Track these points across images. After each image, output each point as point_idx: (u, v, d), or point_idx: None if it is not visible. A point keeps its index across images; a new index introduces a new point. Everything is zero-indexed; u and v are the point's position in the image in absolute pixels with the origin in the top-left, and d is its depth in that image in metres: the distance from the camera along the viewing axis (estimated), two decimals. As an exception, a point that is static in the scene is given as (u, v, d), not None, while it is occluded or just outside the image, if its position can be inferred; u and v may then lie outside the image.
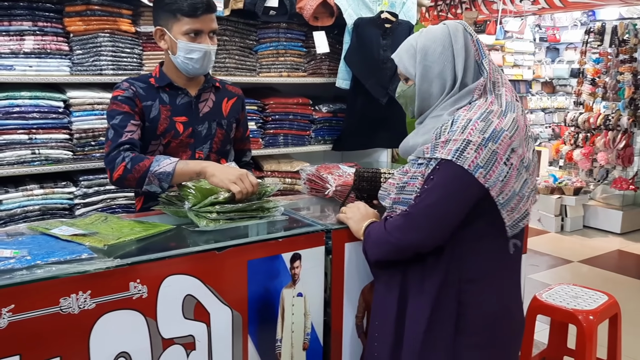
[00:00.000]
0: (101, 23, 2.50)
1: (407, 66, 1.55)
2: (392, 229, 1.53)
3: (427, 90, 1.54)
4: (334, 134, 3.30)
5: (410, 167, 1.56)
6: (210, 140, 2.04)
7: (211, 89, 2.06)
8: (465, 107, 1.50)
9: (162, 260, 1.49)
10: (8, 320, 1.27)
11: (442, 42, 1.51)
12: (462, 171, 1.42)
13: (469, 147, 1.41)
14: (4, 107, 2.33)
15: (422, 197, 1.47)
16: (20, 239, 1.55)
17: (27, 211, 2.40)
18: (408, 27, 3.23)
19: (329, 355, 1.82)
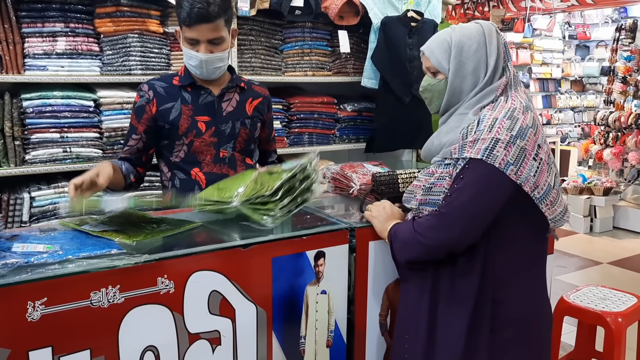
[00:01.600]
0: (130, 24, 2.55)
1: (439, 60, 1.55)
2: (424, 230, 1.52)
3: (458, 85, 1.54)
4: (358, 132, 3.31)
5: (437, 168, 1.56)
6: (234, 139, 2.05)
7: (235, 88, 2.07)
8: (489, 105, 1.51)
9: (188, 257, 1.51)
10: (41, 312, 1.31)
11: (477, 39, 1.52)
12: (492, 169, 1.42)
13: (498, 145, 1.42)
14: (37, 106, 2.40)
15: (454, 197, 1.47)
16: (53, 234, 1.60)
17: (59, 208, 2.46)
18: (433, 26, 3.22)
19: (352, 352, 1.83)
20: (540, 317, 1.60)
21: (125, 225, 1.68)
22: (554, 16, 8.15)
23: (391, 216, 1.71)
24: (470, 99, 1.54)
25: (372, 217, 1.74)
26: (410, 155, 3.50)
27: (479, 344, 1.52)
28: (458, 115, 1.56)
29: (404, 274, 1.68)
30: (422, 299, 1.60)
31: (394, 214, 1.72)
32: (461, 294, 1.53)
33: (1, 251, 1.39)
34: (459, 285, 1.53)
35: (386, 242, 1.69)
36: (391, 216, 1.71)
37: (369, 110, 3.30)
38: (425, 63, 1.60)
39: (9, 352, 1.28)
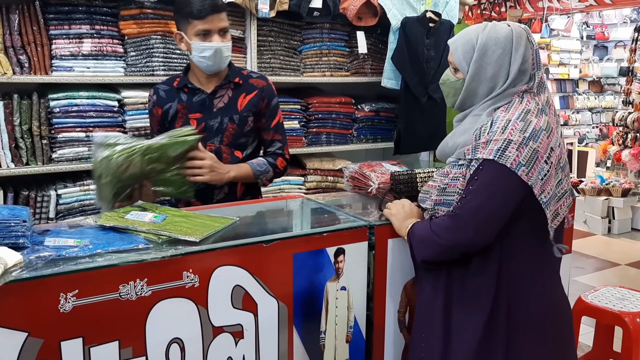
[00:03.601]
0: (153, 26, 2.61)
1: (461, 59, 1.55)
2: (439, 230, 1.54)
3: (474, 89, 1.55)
4: (376, 132, 3.33)
5: (451, 169, 1.57)
6: (222, 134, 2.13)
7: (229, 84, 2.14)
8: (503, 107, 1.52)
9: (212, 252, 1.55)
10: (72, 304, 1.36)
11: (504, 45, 1.50)
12: (504, 169, 1.43)
13: (510, 146, 1.43)
14: (64, 106, 2.46)
15: (468, 198, 1.48)
16: (82, 229, 1.65)
17: (84, 205, 2.52)
18: (450, 27, 3.24)
19: (371, 348, 1.85)
20: (557, 315, 1.60)
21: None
22: (571, 16, 8.09)
23: (410, 214, 1.73)
24: (486, 102, 1.55)
25: (391, 215, 1.77)
26: (427, 155, 3.52)
27: (495, 344, 1.54)
28: (473, 117, 1.57)
29: (420, 273, 1.71)
30: (436, 298, 1.62)
31: (412, 212, 1.74)
32: (475, 294, 1.55)
33: (34, 245, 1.44)
34: (473, 285, 1.55)
35: (404, 240, 1.72)
36: (410, 214, 1.73)
37: (386, 110, 3.33)
38: (449, 57, 1.60)
39: (42, 342, 1.33)
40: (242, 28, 2.85)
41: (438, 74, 3.20)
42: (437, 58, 3.17)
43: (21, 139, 2.40)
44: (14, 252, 1.36)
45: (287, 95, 3.11)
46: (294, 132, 3.05)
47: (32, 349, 1.32)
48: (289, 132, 3.03)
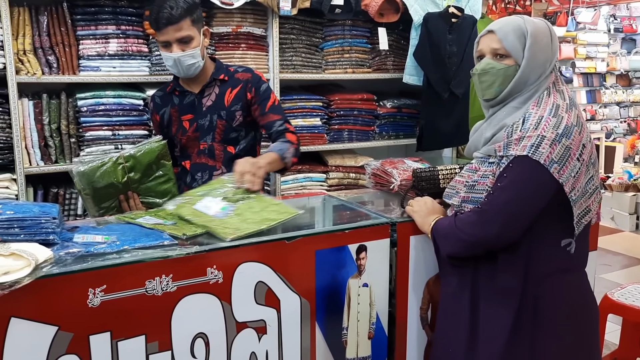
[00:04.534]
0: (177, 25, 2.63)
1: (515, 45, 1.51)
2: (464, 225, 1.54)
3: (527, 75, 1.52)
4: (398, 129, 3.32)
5: (480, 165, 1.56)
6: (212, 131, 2.17)
7: (215, 83, 2.16)
8: (533, 102, 1.51)
9: (236, 248, 1.57)
10: (101, 299, 1.39)
11: (547, 35, 1.52)
12: (537, 166, 1.43)
13: (544, 143, 1.42)
14: (91, 105, 2.51)
15: (497, 194, 1.48)
16: (110, 226, 1.69)
17: (111, 202, 2.57)
18: (472, 22, 3.21)
19: (393, 345, 1.86)
20: (583, 313, 1.59)
21: (175, 218, 1.76)
22: (598, 9, 7.93)
23: (432, 211, 1.73)
24: (526, 93, 1.53)
25: (414, 212, 1.77)
26: (450, 152, 3.50)
27: (522, 340, 1.53)
28: (510, 108, 1.54)
29: (445, 269, 1.70)
30: (462, 294, 1.62)
31: (435, 209, 1.74)
32: (502, 289, 1.54)
33: (64, 241, 1.48)
34: (500, 281, 1.54)
35: (428, 237, 1.72)
36: (432, 211, 1.73)
37: (408, 106, 3.32)
38: (493, 44, 1.53)
39: (71, 335, 1.37)
40: (264, 26, 2.86)
41: (460, 70, 3.18)
42: (460, 54, 3.15)
43: (50, 138, 2.46)
44: (45, 248, 1.41)
45: (309, 92, 3.12)
46: (316, 129, 3.06)
47: (62, 343, 1.36)
48: (311, 129, 3.05)
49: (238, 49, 2.80)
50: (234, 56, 2.79)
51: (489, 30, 1.56)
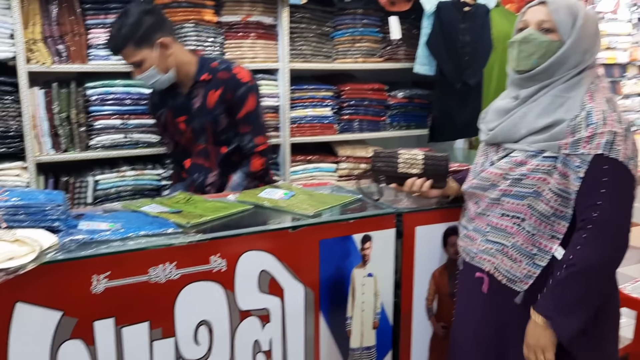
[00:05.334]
0: (186, 14, 2.63)
1: (566, 20, 1.45)
2: (587, 260, 1.39)
3: (568, 56, 1.46)
4: (409, 119, 3.29)
5: (529, 159, 1.48)
6: (205, 133, 2.17)
7: (201, 83, 2.13)
8: (587, 95, 1.46)
9: (240, 237, 1.58)
10: (105, 285, 1.41)
11: (596, 25, 1.48)
12: (617, 164, 1.38)
13: (617, 139, 1.38)
14: (101, 94, 2.52)
15: (604, 205, 1.37)
16: (115, 214, 1.71)
17: (120, 191, 2.59)
18: (485, 11, 3.16)
19: (398, 335, 1.86)
20: (612, 306, 1.57)
21: (181, 206, 1.77)
22: (619, -3, 7.74)
23: (546, 339, 1.45)
24: (568, 80, 1.47)
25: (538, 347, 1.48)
26: (462, 143, 3.46)
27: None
28: (553, 97, 1.47)
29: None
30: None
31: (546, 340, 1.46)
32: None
33: (69, 228, 1.50)
34: None
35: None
36: (546, 339, 1.45)
37: (420, 97, 3.28)
38: (542, 16, 1.48)
39: (76, 321, 1.39)
40: (274, 15, 2.84)
41: (473, 60, 3.14)
42: (473, 43, 3.10)
43: (60, 127, 2.47)
44: (50, 235, 1.43)
45: (319, 82, 3.10)
46: (326, 119, 3.05)
47: (67, 328, 1.38)
48: (321, 119, 3.03)
49: (247, 38, 2.78)
50: (243, 45, 2.78)
51: (540, 1, 1.50)
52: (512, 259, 1.52)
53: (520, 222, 1.50)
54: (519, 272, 1.51)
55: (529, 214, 1.49)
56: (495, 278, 1.56)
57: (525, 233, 1.50)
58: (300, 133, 2.98)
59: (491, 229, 1.57)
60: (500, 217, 1.54)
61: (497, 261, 1.55)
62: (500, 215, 1.54)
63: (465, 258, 1.68)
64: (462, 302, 1.74)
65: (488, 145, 1.63)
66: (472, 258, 1.63)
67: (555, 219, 1.46)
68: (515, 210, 1.51)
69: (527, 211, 1.49)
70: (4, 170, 2.37)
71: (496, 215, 1.55)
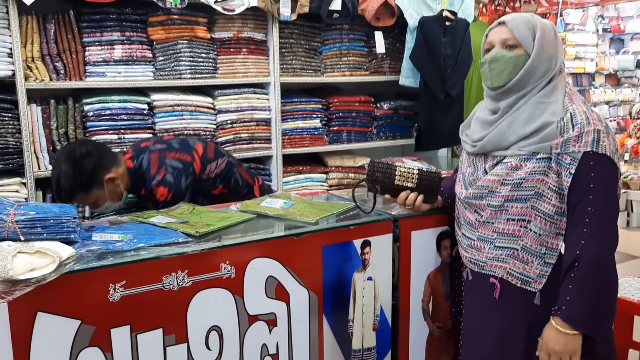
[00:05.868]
0: (180, 31, 2.71)
1: (526, 35, 1.55)
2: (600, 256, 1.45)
3: (535, 67, 1.55)
4: (395, 130, 3.40)
5: (524, 163, 1.55)
6: None
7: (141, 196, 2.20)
8: (566, 98, 1.56)
9: (248, 244, 1.65)
10: (121, 294, 1.46)
11: (553, 32, 1.58)
12: (606, 158, 1.47)
13: (602, 136, 1.48)
14: (97, 110, 2.57)
15: (597, 200, 1.45)
16: (124, 225, 1.76)
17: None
18: (465, 25, 3.30)
19: (397, 336, 1.93)
20: None
21: (187, 217, 1.83)
22: (586, 10, 8.06)
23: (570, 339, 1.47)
24: (544, 87, 1.56)
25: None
26: (446, 152, 3.58)
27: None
28: (535, 104, 1.56)
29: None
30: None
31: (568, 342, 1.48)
32: None
33: (83, 240, 1.55)
34: None
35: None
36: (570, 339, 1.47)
37: (404, 108, 3.40)
38: (504, 35, 1.58)
39: (94, 329, 1.43)
40: (264, 31, 2.93)
41: (455, 71, 3.27)
42: (454, 56, 3.24)
43: (58, 142, 2.51)
44: (67, 246, 1.47)
45: (309, 95, 3.19)
46: (316, 131, 3.14)
47: (85, 335, 1.42)
48: (311, 131, 3.12)
49: (239, 53, 2.87)
50: (236, 60, 2.87)
51: (499, 22, 1.61)
52: (523, 261, 1.57)
53: (527, 224, 1.56)
54: (532, 273, 1.57)
55: (533, 215, 1.55)
56: (509, 282, 1.60)
57: (532, 234, 1.56)
58: (291, 144, 3.07)
59: (498, 235, 1.60)
60: (506, 222, 1.59)
61: (508, 266, 1.59)
62: (506, 220, 1.59)
63: (473, 268, 1.70)
64: (472, 313, 1.77)
65: (474, 156, 1.68)
66: (482, 267, 1.66)
67: (558, 217, 1.53)
68: (520, 213, 1.56)
69: (532, 213, 1.55)
70: (3, 186, 2.40)
71: (502, 221, 1.59)
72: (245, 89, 2.92)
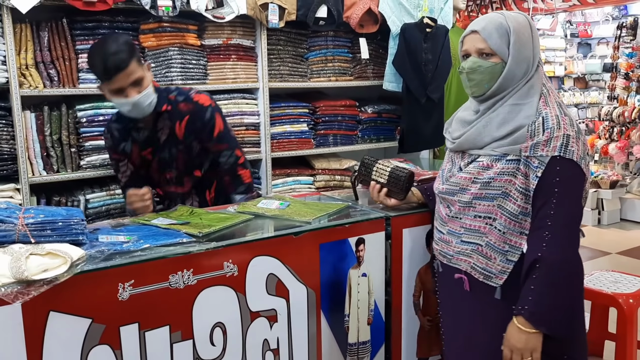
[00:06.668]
0: (171, 38, 2.76)
1: (499, 43, 1.55)
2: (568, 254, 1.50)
3: (513, 71, 1.56)
4: (379, 133, 3.50)
5: (494, 163, 1.58)
6: (174, 163, 2.22)
7: (164, 115, 2.14)
8: (541, 100, 1.57)
9: (250, 243, 1.71)
10: (129, 293, 1.51)
11: (528, 29, 1.57)
12: (572, 164, 1.49)
13: (571, 141, 1.50)
14: (90, 116, 2.60)
15: (559, 204, 1.49)
16: (127, 227, 1.81)
17: (111, 209, 2.67)
18: (444, 31, 3.42)
19: (390, 329, 2.02)
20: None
21: (187, 218, 1.89)
22: (556, 16, 8.31)
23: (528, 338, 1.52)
24: (521, 89, 1.57)
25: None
26: (428, 154, 3.69)
27: None
28: (510, 106, 1.57)
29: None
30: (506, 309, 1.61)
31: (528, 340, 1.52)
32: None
33: (91, 241, 1.60)
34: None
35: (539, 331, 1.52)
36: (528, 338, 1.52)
37: (388, 111, 3.50)
38: (479, 44, 1.57)
39: (104, 327, 1.48)
40: (252, 38, 3.00)
41: (436, 76, 3.39)
42: (434, 61, 3.36)
43: (52, 148, 2.54)
44: (76, 248, 1.51)
45: (296, 99, 3.27)
46: (303, 135, 3.22)
47: (96, 334, 1.47)
48: (298, 135, 3.20)
49: (229, 60, 2.93)
50: (225, 67, 2.93)
51: (472, 30, 1.59)
52: (486, 257, 1.61)
53: (492, 222, 1.59)
54: (494, 269, 1.60)
55: (499, 213, 1.58)
56: (473, 276, 1.66)
57: (497, 232, 1.59)
58: (279, 148, 3.14)
59: (465, 230, 1.65)
60: (473, 218, 1.63)
61: (472, 260, 1.64)
62: (473, 217, 1.63)
63: (442, 260, 1.76)
64: (445, 304, 1.83)
65: (454, 153, 1.73)
66: (450, 260, 1.71)
67: (522, 217, 1.56)
68: (486, 211, 1.60)
69: (497, 211, 1.58)
70: (-2, 193, 2.42)
71: (469, 217, 1.64)
72: (235, 94, 2.98)
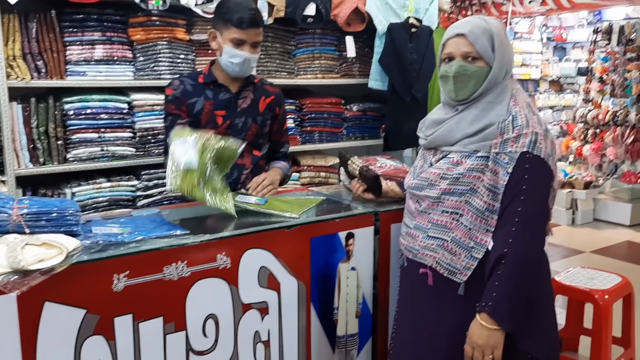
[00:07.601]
0: (160, 32, 2.76)
1: (486, 47, 1.57)
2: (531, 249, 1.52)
3: (498, 74, 1.59)
4: (363, 130, 3.55)
5: (463, 159, 1.60)
6: (245, 132, 2.25)
7: (250, 87, 2.25)
8: (512, 100, 1.61)
9: (243, 236, 1.73)
10: (124, 284, 1.52)
11: (504, 31, 1.62)
12: (540, 161, 1.52)
13: (539, 138, 1.53)
14: (78, 109, 2.59)
15: (526, 200, 1.51)
16: (121, 219, 1.81)
17: (97, 202, 2.66)
18: (429, 32, 3.49)
19: (377, 322, 2.06)
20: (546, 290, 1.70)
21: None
22: (533, 19, 8.47)
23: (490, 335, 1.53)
24: (496, 89, 1.61)
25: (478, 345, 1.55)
26: (410, 152, 3.75)
27: None
28: (484, 104, 1.61)
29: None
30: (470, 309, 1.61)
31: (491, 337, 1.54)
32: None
33: (85, 233, 1.60)
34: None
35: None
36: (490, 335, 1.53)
37: (372, 110, 3.55)
38: (465, 48, 1.58)
39: (98, 318, 1.49)
40: (240, 34, 3.01)
41: (420, 76, 3.45)
42: (419, 61, 3.42)
43: (38, 140, 2.52)
44: (72, 238, 1.52)
45: (283, 96, 3.29)
46: (290, 131, 3.24)
47: (90, 324, 1.48)
48: (284, 131, 3.22)
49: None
50: (213, 62, 2.93)
51: (458, 33, 1.60)
52: (452, 252, 1.61)
53: (459, 217, 1.60)
54: (458, 265, 1.61)
55: (466, 209, 1.59)
56: (438, 272, 1.66)
57: (463, 228, 1.60)
58: (266, 144, 3.16)
59: (432, 225, 1.66)
60: (440, 214, 1.64)
61: (438, 255, 1.64)
62: (440, 212, 1.64)
63: (407, 255, 1.76)
64: (404, 298, 1.84)
65: (426, 150, 1.75)
66: (415, 255, 1.72)
67: (489, 214, 1.57)
68: (454, 207, 1.61)
69: (465, 207, 1.59)
70: (-18, 184, 2.39)
71: (437, 213, 1.64)
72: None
